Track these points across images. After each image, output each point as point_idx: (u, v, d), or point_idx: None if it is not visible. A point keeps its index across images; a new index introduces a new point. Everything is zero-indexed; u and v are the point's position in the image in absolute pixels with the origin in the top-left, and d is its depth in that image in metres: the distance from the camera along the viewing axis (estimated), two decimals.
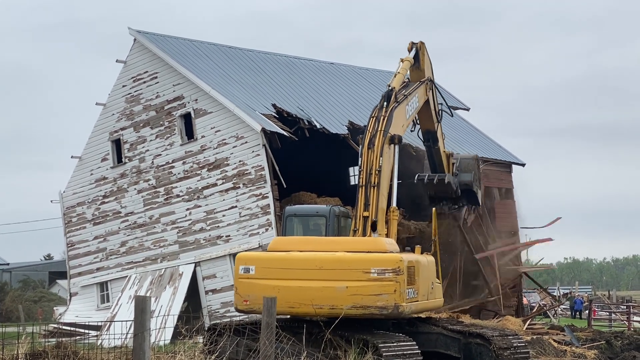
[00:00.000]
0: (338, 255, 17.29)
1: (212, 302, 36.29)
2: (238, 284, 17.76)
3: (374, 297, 16.82)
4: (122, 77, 40.85)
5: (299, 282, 17.16)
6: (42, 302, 67.09)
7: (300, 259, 17.48)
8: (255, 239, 34.81)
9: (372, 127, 19.78)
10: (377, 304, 16.82)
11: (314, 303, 16.95)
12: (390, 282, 16.84)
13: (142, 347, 10.49)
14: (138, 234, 39.78)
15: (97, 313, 40.79)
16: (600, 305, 57.32)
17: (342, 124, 38.84)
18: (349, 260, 17.15)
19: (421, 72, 23.46)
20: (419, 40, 23.55)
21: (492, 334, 17.87)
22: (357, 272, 16.96)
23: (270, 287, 17.07)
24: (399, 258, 17.10)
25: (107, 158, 41.54)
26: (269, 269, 17.53)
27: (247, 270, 17.61)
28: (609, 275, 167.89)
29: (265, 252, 18.31)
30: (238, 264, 17.82)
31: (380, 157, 19.21)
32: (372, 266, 16.93)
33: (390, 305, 16.78)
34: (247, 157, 35.41)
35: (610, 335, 30.22)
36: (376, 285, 16.85)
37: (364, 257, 17.19)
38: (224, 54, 42.20)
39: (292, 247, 17.89)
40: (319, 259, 17.29)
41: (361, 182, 19.25)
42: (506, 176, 44.54)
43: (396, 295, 16.80)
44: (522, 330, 30.54)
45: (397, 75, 21.94)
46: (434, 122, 24.20)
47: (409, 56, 22.99)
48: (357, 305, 16.86)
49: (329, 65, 47.41)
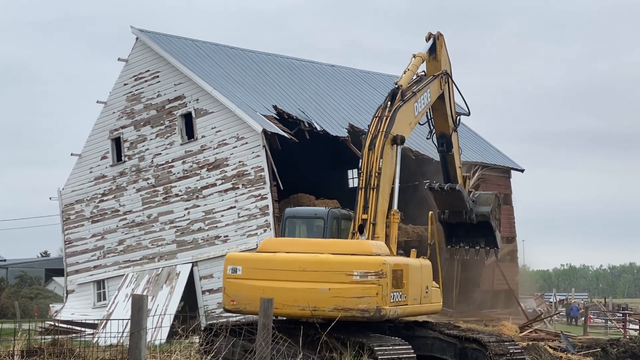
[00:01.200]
0: (321, 257, 17.32)
1: (209, 302, 36.28)
2: (226, 283, 17.88)
3: (356, 299, 16.79)
4: (123, 76, 40.88)
5: (283, 283, 17.20)
6: (38, 299, 66.98)
7: (284, 260, 17.53)
8: (253, 240, 34.80)
9: (374, 128, 19.40)
10: (358, 306, 16.79)
11: (297, 304, 16.99)
12: (373, 284, 16.80)
13: (138, 345, 10.49)
14: (136, 232, 39.79)
15: (94, 311, 40.80)
16: (596, 313, 57.31)
17: (343, 126, 38.87)
18: (332, 262, 17.17)
19: (438, 63, 22.26)
20: (437, 31, 22.45)
21: (488, 339, 17.87)
22: (339, 274, 16.97)
23: (256, 287, 17.15)
24: (382, 261, 17.00)
25: (106, 156, 41.55)
26: (255, 270, 17.62)
27: (235, 271, 17.72)
28: (606, 282, 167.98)
29: (252, 253, 18.45)
30: (226, 264, 17.92)
31: (380, 159, 18.95)
32: (354, 268, 16.92)
33: (372, 308, 16.73)
34: (247, 158, 35.41)
35: (606, 342, 30.21)
36: (358, 288, 16.83)
37: (347, 259, 17.18)
38: (226, 54, 42.23)
39: (280, 249, 17.96)
40: (302, 261, 17.34)
41: (361, 184, 19.13)
42: (505, 181, 44.61)
43: (378, 298, 16.74)
44: (518, 336, 30.53)
45: (406, 72, 20.99)
46: (449, 125, 22.90)
47: (422, 51, 21.94)
48: (339, 307, 16.84)
49: (330, 68, 47.46)
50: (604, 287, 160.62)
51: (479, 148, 45.33)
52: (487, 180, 43.02)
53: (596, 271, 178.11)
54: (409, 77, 20.92)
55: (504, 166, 44.59)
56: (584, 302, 69.06)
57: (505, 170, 44.70)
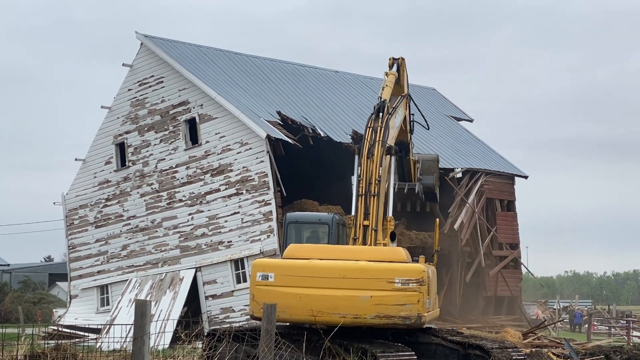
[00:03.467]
0: (361, 264, 17.28)
1: (212, 307, 36.28)
2: (255, 290, 17.46)
3: (398, 307, 16.92)
4: (127, 81, 40.96)
5: (322, 290, 17.09)
6: (42, 303, 67.07)
7: (323, 267, 17.37)
8: (256, 246, 34.81)
9: (370, 137, 19.93)
10: (400, 313, 16.92)
11: (337, 312, 16.95)
12: (414, 292, 16.98)
13: (142, 351, 10.51)
14: (140, 237, 39.81)
15: (97, 316, 40.79)
16: (599, 320, 57.21)
17: (346, 132, 38.90)
18: (373, 270, 17.16)
19: (400, 87, 23.95)
20: (400, 56, 24.06)
21: (491, 345, 17.84)
22: (380, 282, 17.02)
23: (291, 294, 17.01)
24: (422, 269, 17.26)
25: (110, 161, 41.60)
26: (289, 277, 17.35)
27: (266, 277, 17.39)
28: (609, 289, 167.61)
29: (284, 260, 18.04)
30: (255, 271, 17.55)
31: (379, 167, 19.37)
32: (396, 276, 17.01)
33: (413, 315, 16.93)
34: (250, 164, 35.43)
35: (610, 349, 30.15)
36: (400, 295, 16.95)
37: (388, 266, 17.24)
38: (230, 60, 42.29)
39: (309, 255, 17.76)
40: (343, 268, 17.25)
41: (360, 191, 19.30)
42: (508, 188, 44.58)
43: (419, 305, 16.97)
44: (521, 342, 30.48)
45: (385, 88, 22.31)
46: (407, 134, 24.75)
47: (392, 70, 23.60)
48: (380, 315, 16.94)
49: (334, 74, 47.50)
50: (608, 294, 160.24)
51: (482, 154, 45.33)
52: (491, 187, 43.01)
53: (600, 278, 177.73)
54: (388, 92, 22.14)
55: (508, 173, 44.56)
56: (588, 309, 68.93)
57: (509, 177, 44.67)
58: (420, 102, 49.05)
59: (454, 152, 43.51)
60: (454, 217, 40.57)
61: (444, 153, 42.57)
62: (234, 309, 35.50)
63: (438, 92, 52.63)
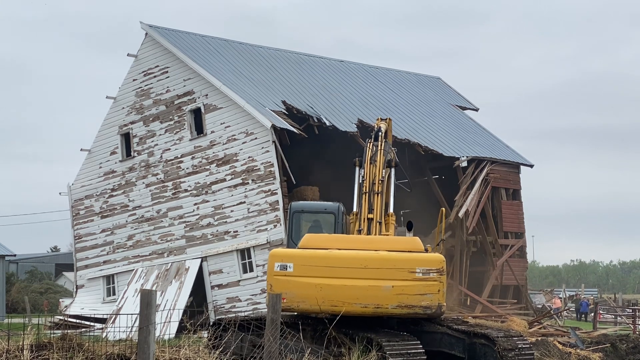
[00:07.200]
0: (382, 254, 17.26)
1: (218, 297, 36.36)
2: (273, 281, 17.26)
3: (419, 296, 16.93)
4: (132, 71, 40.97)
5: (343, 280, 17.02)
6: (48, 293, 67.30)
7: (344, 257, 17.28)
8: (263, 235, 34.85)
9: (370, 150, 20.16)
10: (421, 303, 16.94)
11: (359, 302, 16.94)
12: (435, 282, 17.01)
13: (147, 340, 10.53)
14: (145, 227, 39.88)
15: (103, 306, 40.92)
16: (605, 308, 57.23)
17: (352, 121, 38.88)
18: (394, 260, 17.15)
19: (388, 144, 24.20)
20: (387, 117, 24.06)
21: (497, 334, 17.82)
22: (402, 272, 17.00)
23: (312, 285, 16.93)
24: (442, 258, 17.29)
25: (116, 152, 41.65)
26: (309, 267, 17.25)
27: (285, 268, 17.24)
28: (615, 278, 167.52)
29: (303, 250, 17.98)
30: (273, 261, 17.36)
31: (382, 170, 19.73)
32: (417, 266, 17.01)
33: (434, 304, 16.98)
34: (256, 153, 35.44)
35: (616, 338, 30.17)
36: (421, 285, 16.96)
37: (409, 256, 17.24)
38: (235, 49, 42.25)
39: (327, 245, 17.68)
40: (364, 258, 17.22)
41: (365, 189, 19.47)
42: (514, 177, 44.51)
43: (440, 295, 17.03)
44: (527, 331, 30.50)
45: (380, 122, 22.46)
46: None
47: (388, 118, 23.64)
48: (402, 305, 16.94)
49: (339, 63, 47.43)
50: (614, 282, 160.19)
51: (487, 143, 45.26)
52: (496, 176, 42.98)
53: (606, 267, 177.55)
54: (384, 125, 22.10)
55: (513, 161, 44.48)
56: (594, 298, 68.96)
57: (515, 166, 44.60)
58: (425, 91, 49.34)
59: (459, 141, 43.45)
60: (459, 206, 40.56)
61: (449, 142, 42.54)
62: (240, 299, 35.57)
63: (443, 81, 52.54)
